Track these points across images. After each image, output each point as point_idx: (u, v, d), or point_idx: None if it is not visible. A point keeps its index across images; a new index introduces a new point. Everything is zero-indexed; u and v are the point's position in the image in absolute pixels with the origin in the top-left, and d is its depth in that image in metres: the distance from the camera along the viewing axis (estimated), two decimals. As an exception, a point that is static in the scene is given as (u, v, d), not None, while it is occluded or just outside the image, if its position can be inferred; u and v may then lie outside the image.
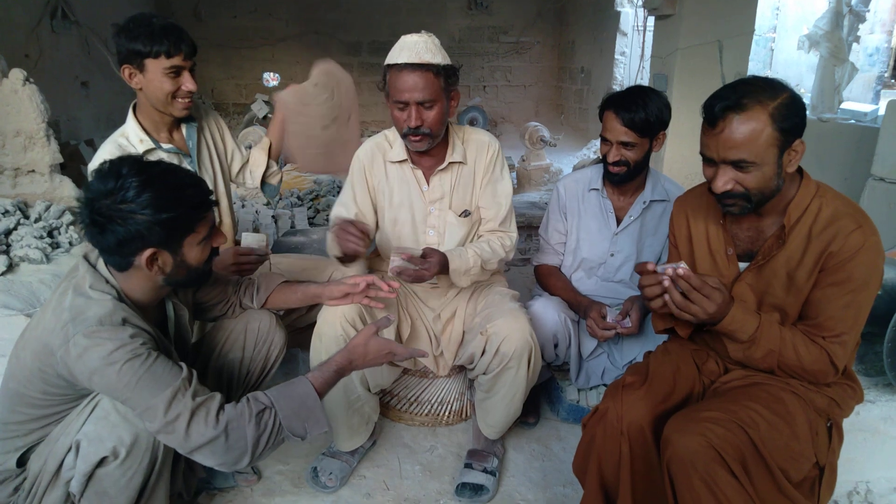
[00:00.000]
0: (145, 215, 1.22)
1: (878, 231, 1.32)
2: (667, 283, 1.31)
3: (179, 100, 1.83)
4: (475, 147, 1.97)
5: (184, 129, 1.97)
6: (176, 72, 1.78)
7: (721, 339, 1.44)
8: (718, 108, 1.27)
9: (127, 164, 1.26)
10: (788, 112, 1.26)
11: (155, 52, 1.73)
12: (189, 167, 1.93)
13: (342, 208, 1.97)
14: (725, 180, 1.31)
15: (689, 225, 1.54)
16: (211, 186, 1.62)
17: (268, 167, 2.23)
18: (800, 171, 1.39)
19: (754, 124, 1.25)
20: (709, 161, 1.34)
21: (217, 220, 2.05)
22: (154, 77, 1.77)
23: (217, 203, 1.50)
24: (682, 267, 1.31)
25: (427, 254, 1.77)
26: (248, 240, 1.98)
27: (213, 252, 1.42)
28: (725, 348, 1.43)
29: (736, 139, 1.26)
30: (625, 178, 2.02)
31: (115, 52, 1.77)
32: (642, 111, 1.88)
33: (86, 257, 1.36)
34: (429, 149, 1.86)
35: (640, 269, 1.36)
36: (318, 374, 1.39)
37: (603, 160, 2.04)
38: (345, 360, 1.44)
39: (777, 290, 1.39)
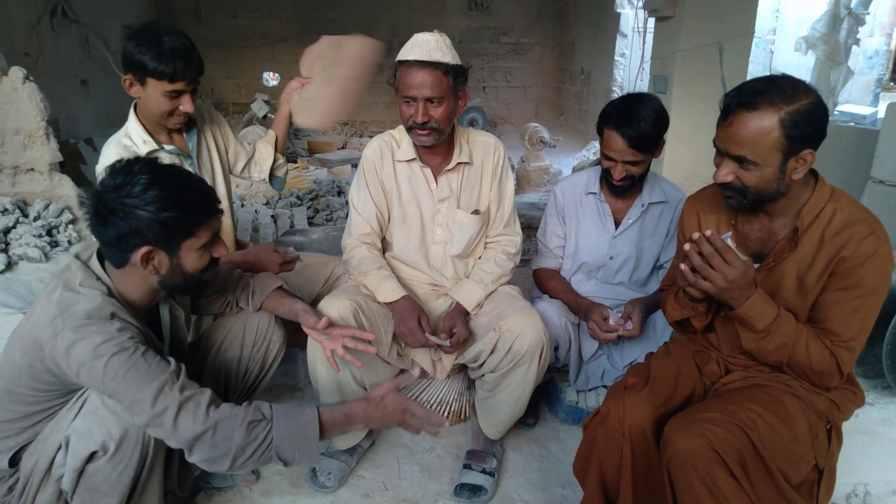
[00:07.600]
0: (147, 212, 1.23)
1: (889, 238, 1.31)
2: (687, 246, 1.28)
3: (175, 118, 1.82)
4: (481, 148, 1.98)
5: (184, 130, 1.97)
6: (176, 94, 1.77)
7: (728, 334, 1.43)
8: (732, 102, 1.27)
9: (139, 163, 1.28)
10: (802, 119, 1.22)
11: (159, 73, 1.71)
12: (190, 168, 1.93)
13: (361, 216, 1.95)
14: (725, 172, 1.32)
15: (699, 223, 1.53)
16: (211, 186, 1.62)
17: (275, 160, 2.24)
18: (815, 174, 1.38)
19: (760, 124, 1.23)
20: (718, 151, 1.34)
21: None
22: (153, 94, 1.76)
23: (221, 211, 1.49)
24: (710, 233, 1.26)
25: (450, 328, 1.84)
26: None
27: (213, 262, 1.41)
28: (731, 344, 1.42)
29: (740, 136, 1.25)
30: (628, 188, 2.03)
31: (122, 54, 1.74)
32: (646, 129, 1.85)
33: (77, 256, 1.36)
34: (434, 144, 1.86)
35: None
36: (328, 409, 1.36)
37: (605, 172, 2.02)
38: (359, 408, 1.39)
39: (786, 292, 1.38)
